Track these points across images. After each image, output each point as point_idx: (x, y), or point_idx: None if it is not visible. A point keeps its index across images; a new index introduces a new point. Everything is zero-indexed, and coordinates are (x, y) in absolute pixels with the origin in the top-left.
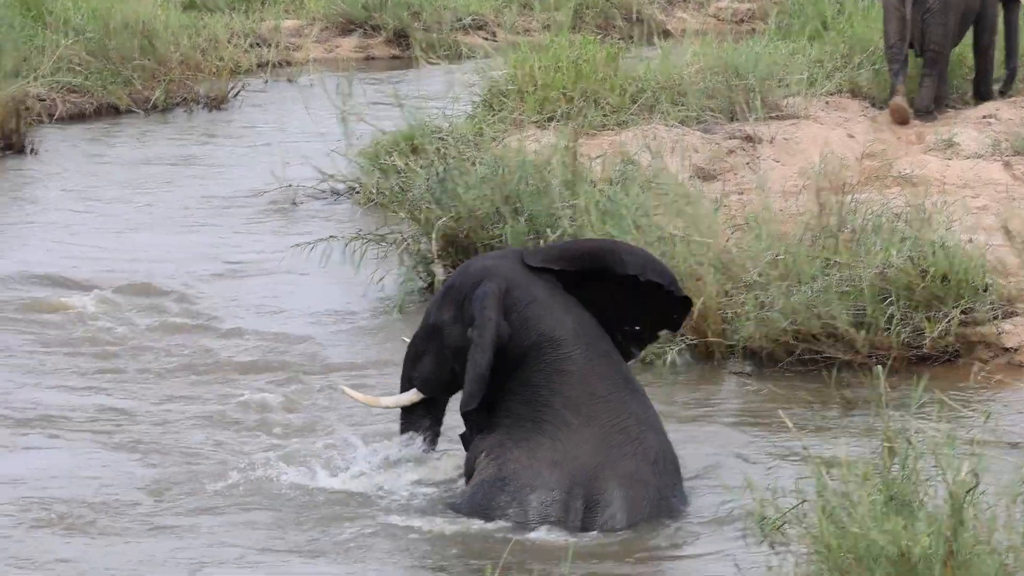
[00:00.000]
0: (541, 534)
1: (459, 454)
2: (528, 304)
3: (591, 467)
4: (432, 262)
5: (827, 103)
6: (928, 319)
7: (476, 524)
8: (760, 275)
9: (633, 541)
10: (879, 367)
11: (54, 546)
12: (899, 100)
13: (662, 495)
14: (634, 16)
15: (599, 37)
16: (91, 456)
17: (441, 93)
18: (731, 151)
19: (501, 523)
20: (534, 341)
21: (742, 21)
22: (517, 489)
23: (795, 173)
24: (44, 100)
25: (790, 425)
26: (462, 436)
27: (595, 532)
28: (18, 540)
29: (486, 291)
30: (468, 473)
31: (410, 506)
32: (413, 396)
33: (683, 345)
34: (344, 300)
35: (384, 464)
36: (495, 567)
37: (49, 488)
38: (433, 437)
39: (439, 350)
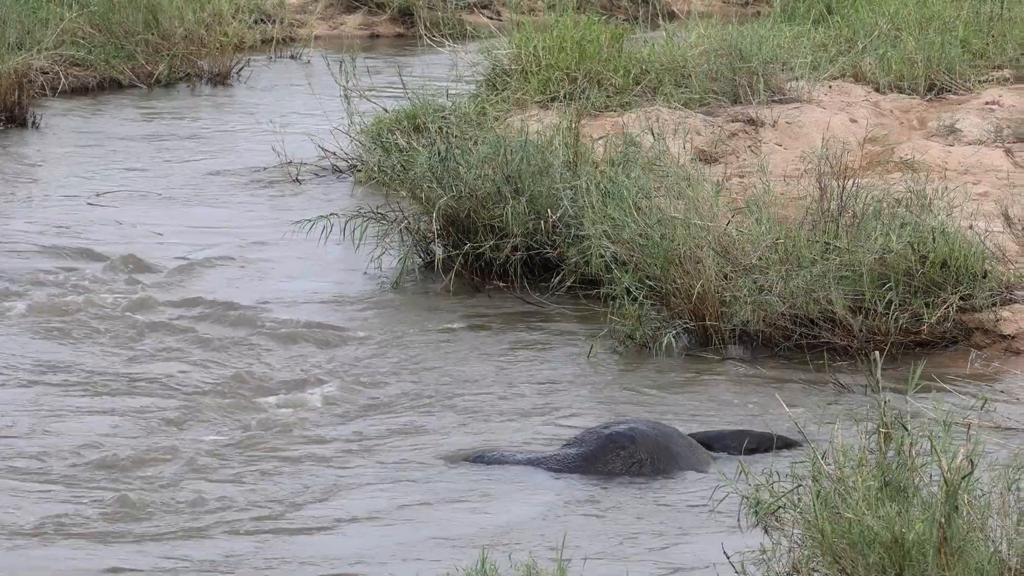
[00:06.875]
0: None
1: None
2: None
3: None
4: (432, 241)
5: (830, 87)
6: (927, 305)
7: None
8: (760, 259)
9: (628, 522)
10: (876, 352)
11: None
12: None
13: None
14: None
15: (604, 18)
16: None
17: (444, 72)
18: (733, 134)
19: None
20: None
21: (747, 3)
22: None
23: (797, 157)
24: (47, 73)
25: (786, 409)
26: None
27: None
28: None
29: None
30: None
31: None
32: None
33: (680, 328)
34: (342, 277)
35: None
36: None
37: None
38: None
39: None
